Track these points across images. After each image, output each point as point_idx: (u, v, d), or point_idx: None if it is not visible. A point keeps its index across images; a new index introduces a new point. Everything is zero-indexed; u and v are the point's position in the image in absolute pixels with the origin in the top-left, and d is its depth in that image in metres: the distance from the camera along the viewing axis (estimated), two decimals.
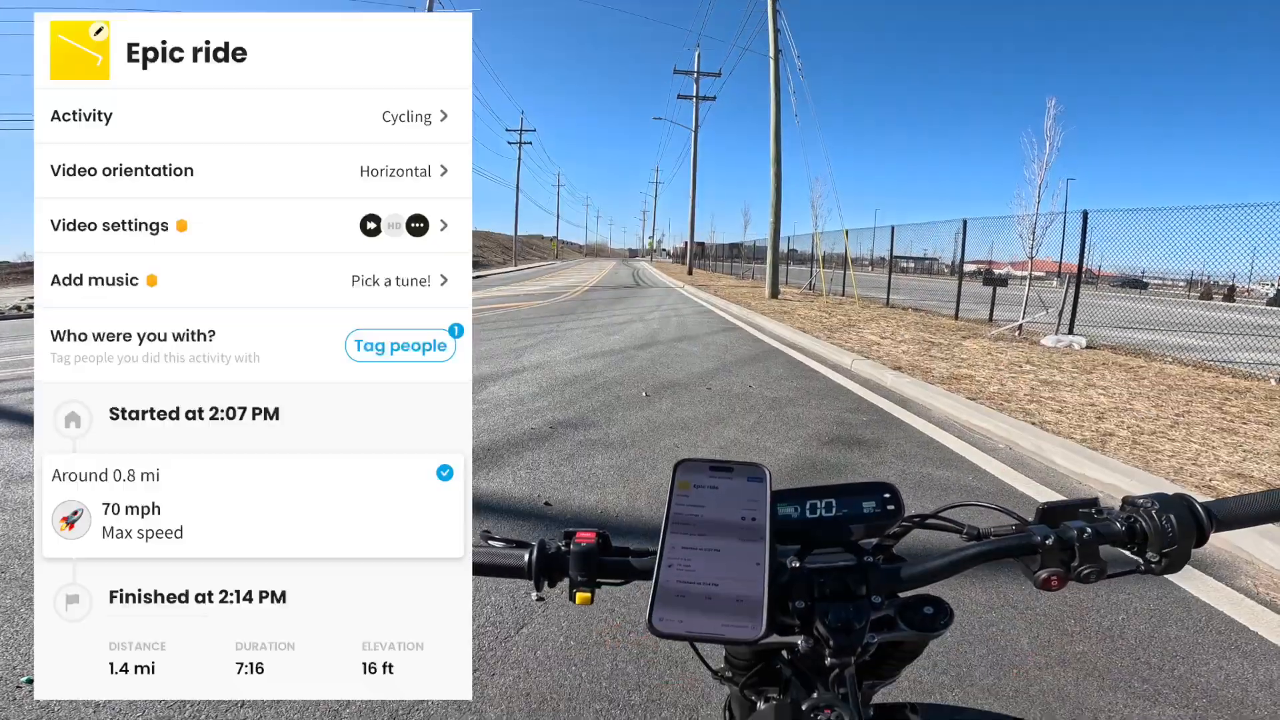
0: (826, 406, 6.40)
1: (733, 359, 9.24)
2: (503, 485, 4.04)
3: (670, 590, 0.62)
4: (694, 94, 42.05)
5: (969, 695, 2.15)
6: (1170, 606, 2.72)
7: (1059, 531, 0.72)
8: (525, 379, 7.34)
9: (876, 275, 26.65)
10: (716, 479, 0.69)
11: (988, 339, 11.33)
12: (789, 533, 0.72)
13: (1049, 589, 0.71)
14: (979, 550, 0.73)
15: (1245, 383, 7.70)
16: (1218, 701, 2.16)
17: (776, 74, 20.06)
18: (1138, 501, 0.74)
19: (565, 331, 11.87)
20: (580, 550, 0.70)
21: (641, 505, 3.79)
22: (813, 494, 0.74)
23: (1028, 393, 6.70)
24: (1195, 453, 4.71)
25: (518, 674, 2.25)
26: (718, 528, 0.66)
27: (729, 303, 18.40)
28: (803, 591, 0.68)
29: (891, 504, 0.74)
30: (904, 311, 16.79)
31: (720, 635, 0.59)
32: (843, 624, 0.66)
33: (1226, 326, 13.54)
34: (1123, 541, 0.73)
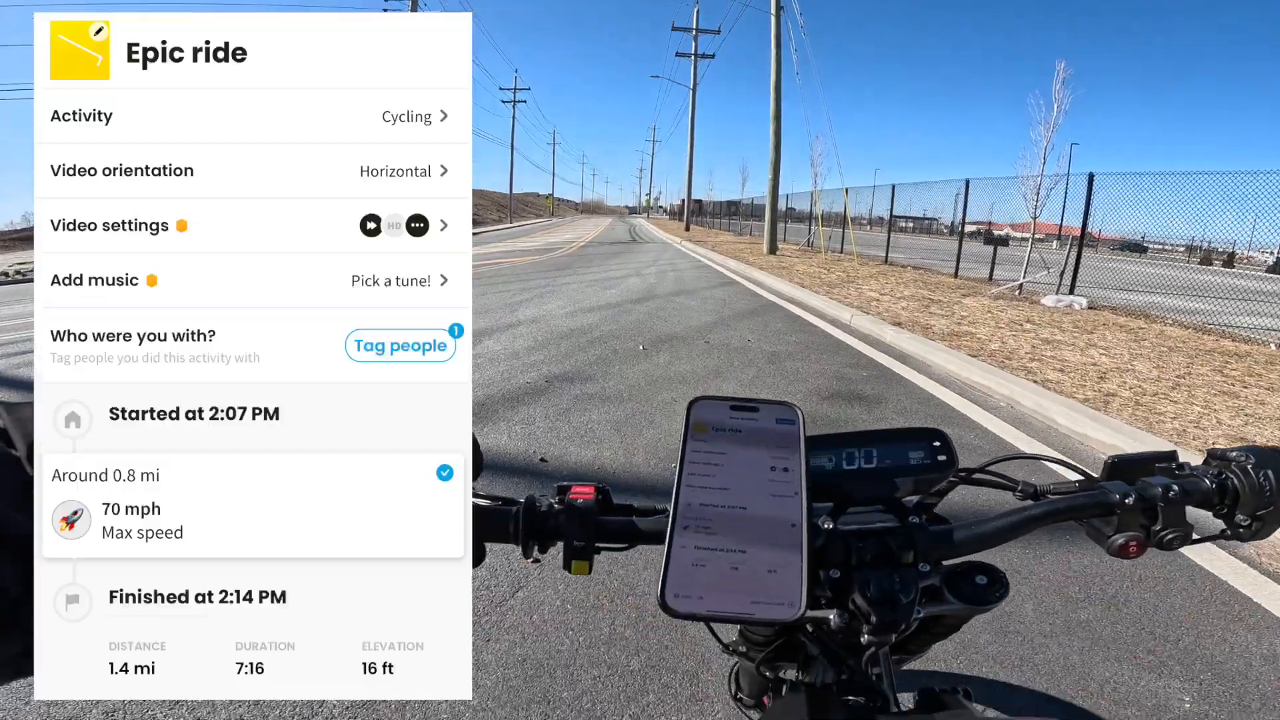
0: (826, 361, 6.34)
1: (731, 313, 9.17)
2: (497, 441, 3.97)
3: (686, 559, 0.51)
4: (692, 52, 41.40)
5: (973, 663, 2.12)
6: (1174, 574, 2.69)
7: (1139, 489, 0.62)
8: (520, 333, 7.25)
9: (875, 234, 26.44)
10: (739, 420, 0.58)
11: (988, 297, 11.25)
12: (821, 487, 0.61)
13: (1126, 556, 0.61)
14: (1045, 510, 0.62)
15: (1246, 347, 7.66)
16: (1222, 675, 2.12)
17: (778, 30, 19.79)
18: (1229, 455, 0.64)
19: (561, 286, 11.76)
20: (576, 508, 0.58)
21: (639, 461, 3.74)
22: (850, 441, 0.63)
23: (1029, 351, 6.64)
24: (1198, 415, 4.67)
25: (513, 639, 2.20)
26: (743, 480, 0.54)
27: (726, 258, 18.28)
28: (838, 558, 0.58)
29: (943, 454, 0.63)
30: (903, 269, 16.66)
31: (750, 615, 0.49)
32: (886, 596, 0.55)
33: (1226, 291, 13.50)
34: (1211, 502, 0.63)
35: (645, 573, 2.53)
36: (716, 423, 0.58)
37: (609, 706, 1.93)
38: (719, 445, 0.56)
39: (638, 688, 2.00)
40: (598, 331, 7.47)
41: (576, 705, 1.93)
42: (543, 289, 11.22)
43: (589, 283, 12.39)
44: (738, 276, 14.37)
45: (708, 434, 0.57)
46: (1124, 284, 12.25)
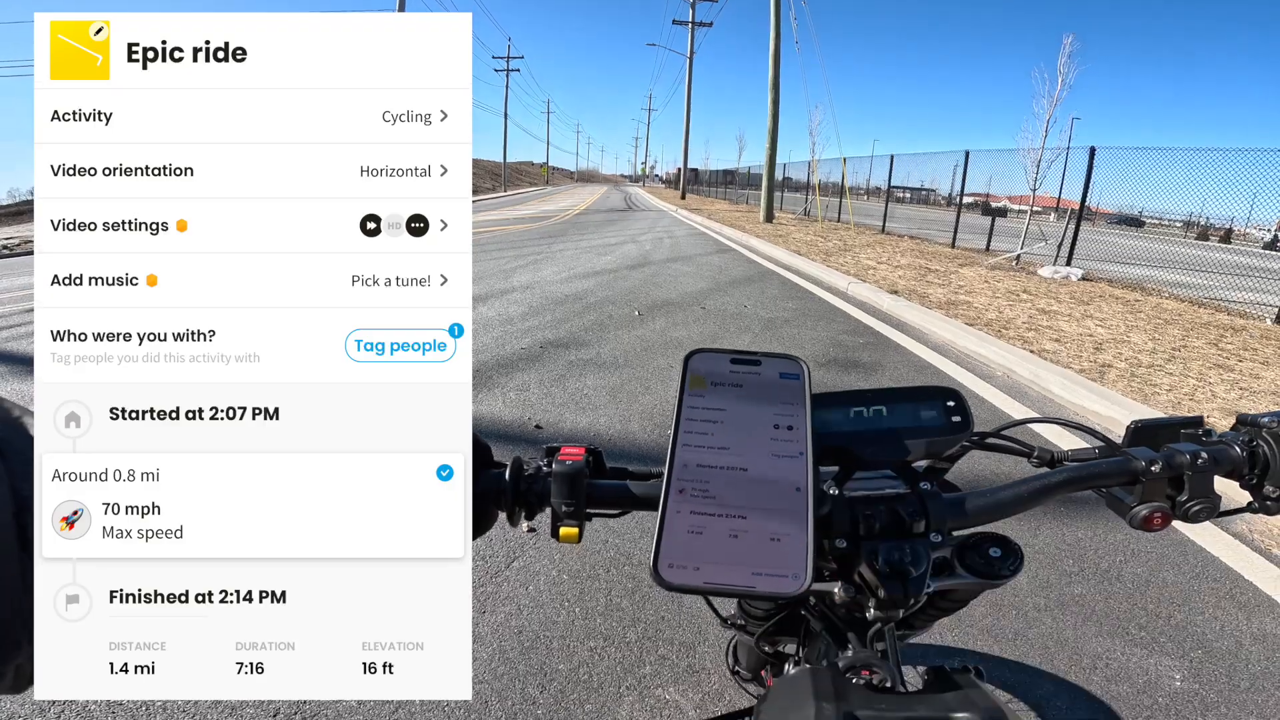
0: (823, 328, 6.33)
1: (727, 280, 9.13)
2: (491, 408, 3.94)
3: (681, 526, 0.47)
4: (690, 19, 40.59)
5: (968, 637, 2.12)
6: (1166, 549, 2.69)
7: (1166, 455, 0.57)
8: (515, 299, 7.19)
9: (872, 204, 26.32)
10: (740, 374, 0.54)
11: (985, 268, 11.21)
12: (827, 449, 0.56)
13: (1150, 529, 0.57)
14: (1065, 477, 0.58)
15: (1241, 321, 7.68)
16: (1213, 654, 2.13)
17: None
18: (1260, 421, 0.60)
19: (556, 253, 11.66)
20: (565, 471, 0.54)
21: (635, 428, 3.72)
22: (858, 399, 0.59)
23: (1025, 321, 6.64)
24: (1192, 388, 4.68)
25: (509, 610, 2.19)
26: (744, 439, 0.51)
27: (723, 226, 18.16)
28: (845, 526, 0.54)
29: (958, 414, 0.59)
30: (900, 239, 16.59)
31: (751, 588, 0.45)
32: (896, 569, 0.52)
33: (1223, 267, 13.50)
34: (1241, 472, 0.60)
35: (642, 541, 2.53)
36: (715, 376, 0.54)
37: (606, 678, 1.93)
38: (718, 401, 0.53)
39: (635, 659, 2.00)
40: (593, 297, 7.41)
41: (573, 677, 1.93)
42: (537, 256, 11.12)
43: (584, 249, 12.29)
44: (734, 244, 14.27)
45: (706, 389, 0.53)
46: (1121, 257, 12.20)
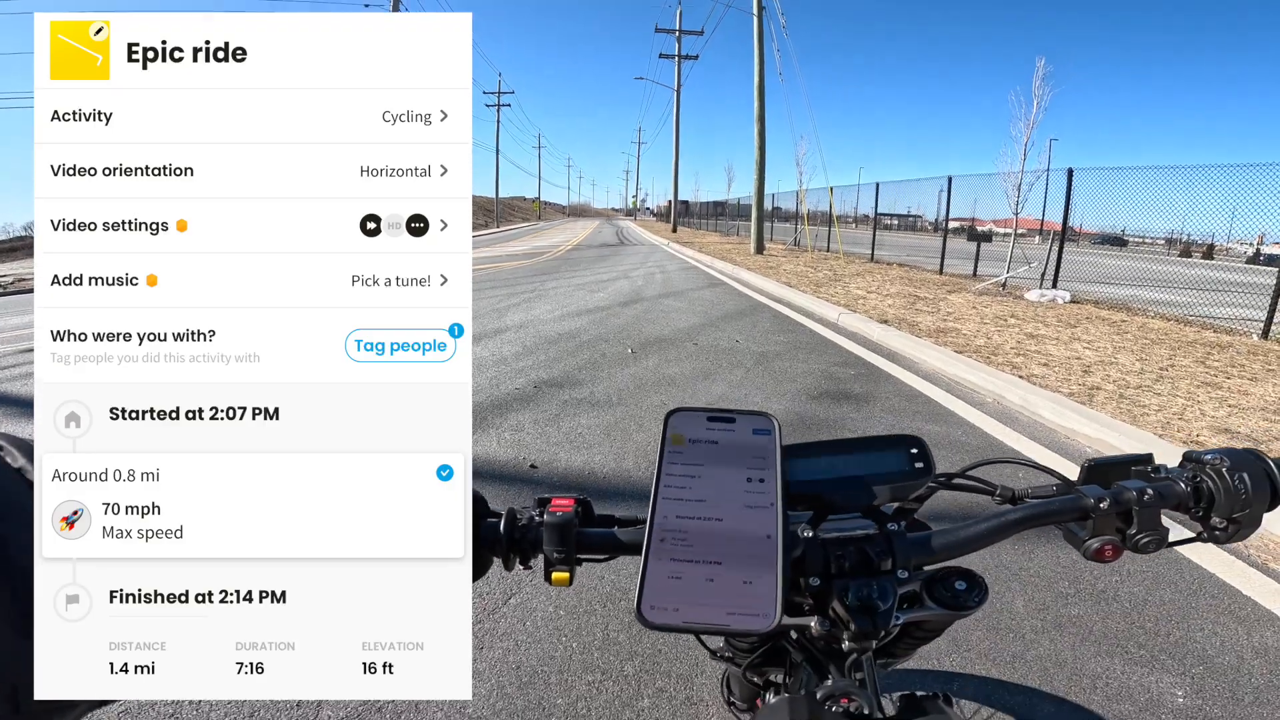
0: (814, 360, 6.36)
1: (719, 314, 9.18)
2: (487, 448, 3.95)
3: (662, 571, 0.52)
4: (676, 53, 41.29)
5: (966, 660, 2.13)
6: (1163, 569, 2.71)
7: (1114, 493, 0.62)
8: (508, 338, 7.23)
9: (861, 232, 26.57)
10: (716, 431, 0.59)
11: (972, 293, 11.33)
12: (801, 496, 0.61)
13: (1102, 560, 0.62)
14: (1022, 515, 0.63)
15: (1227, 337, 7.75)
16: (1214, 669, 2.14)
17: (760, 30, 19.87)
18: (1204, 458, 0.64)
19: (549, 290, 11.73)
20: (556, 521, 0.59)
21: (629, 465, 3.73)
22: (828, 449, 0.64)
23: (1014, 346, 6.69)
24: (1181, 407, 4.72)
25: (507, 646, 2.19)
26: (719, 492, 0.55)
27: (714, 259, 18.31)
28: (818, 566, 0.58)
29: (920, 460, 0.63)
30: (889, 266, 16.75)
31: (725, 626, 0.49)
32: (865, 603, 0.56)
33: (1207, 283, 13.63)
34: (1186, 505, 0.64)
35: (636, 578, 2.53)
36: (693, 434, 0.58)
37: (604, 712, 1.93)
38: (695, 457, 0.57)
39: (633, 692, 2.00)
40: (586, 335, 7.45)
41: (571, 711, 1.93)
42: (530, 293, 11.19)
43: (576, 286, 12.37)
44: (725, 277, 14.39)
45: (684, 446, 0.58)
46: (1106, 277, 12.35)
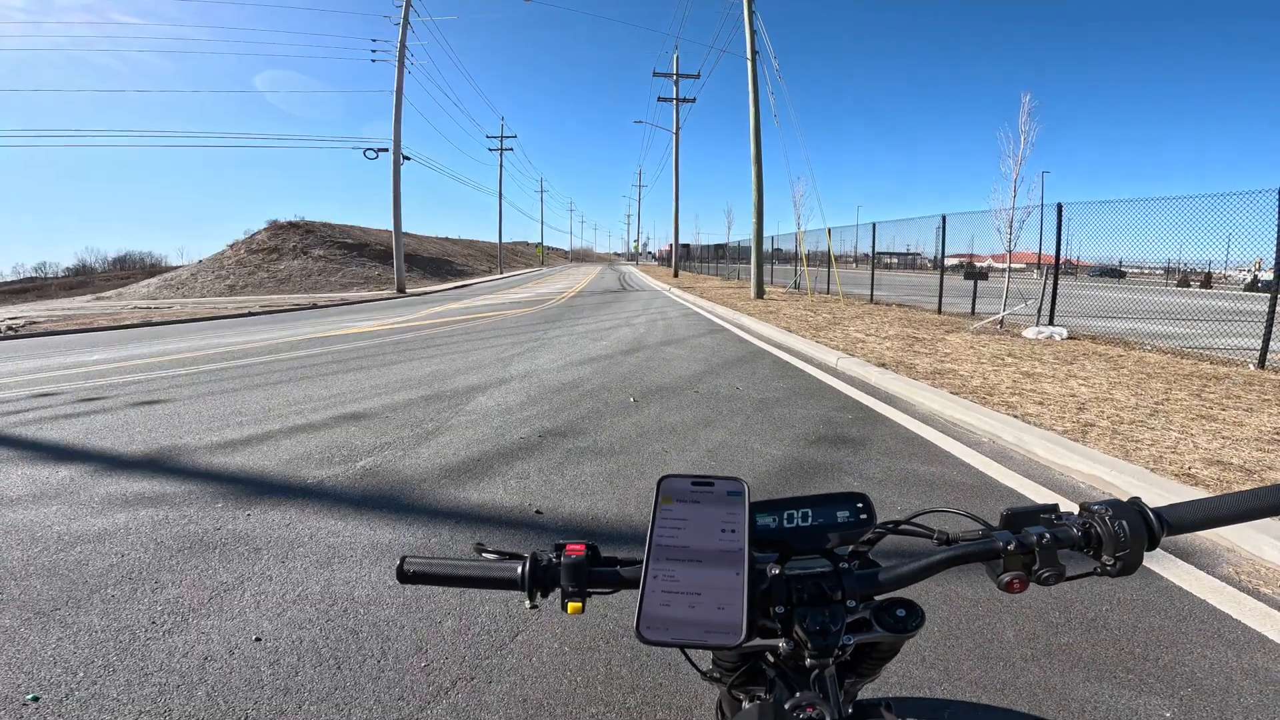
0: (813, 406, 6.45)
1: (720, 361, 9.29)
2: (494, 496, 4.05)
3: (656, 600, 0.66)
4: (673, 96, 41.96)
5: (957, 689, 2.19)
6: (1153, 596, 2.78)
7: (1020, 537, 0.76)
8: (513, 388, 7.34)
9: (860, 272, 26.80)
10: (698, 493, 0.74)
11: (970, 333, 11.44)
12: (768, 541, 0.77)
13: (1011, 591, 0.75)
14: (946, 556, 0.77)
15: (1224, 369, 7.81)
16: (1203, 690, 2.19)
17: (754, 75, 20.15)
18: (1093, 508, 0.78)
19: (552, 339, 11.88)
20: (570, 562, 0.75)
21: (631, 511, 3.82)
22: (789, 505, 0.79)
23: (1010, 385, 6.78)
24: (1175, 441, 4.78)
25: (514, 681, 2.27)
26: (700, 541, 0.70)
27: (715, 304, 18.47)
28: (782, 597, 0.72)
29: (864, 513, 0.79)
30: (888, 308, 16.91)
31: (704, 641, 0.63)
32: (819, 627, 0.70)
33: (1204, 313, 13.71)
34: (1079, 545, 0.77)
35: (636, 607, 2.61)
36: (680, 495, 0.74)
37: None
38: (682, 512, 0.73)
39: None
40: (589, 385, 7.55)
41: None
42: (534, 342, 11.34)
43: (579, 335, 12.52)
44: (725, 323, 14.53)
45: (673, 504, 0.74)
46: (1104, 311, 12.47)
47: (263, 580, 2.98)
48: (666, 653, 2.31)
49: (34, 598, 2.83)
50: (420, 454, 4.91)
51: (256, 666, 2.33)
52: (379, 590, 2.86)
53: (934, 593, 2.78)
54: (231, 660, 2.37)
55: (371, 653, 2.40)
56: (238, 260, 37.83)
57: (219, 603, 2.78)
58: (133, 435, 5.52)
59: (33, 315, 15.18)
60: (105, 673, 2.30)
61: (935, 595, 2.76)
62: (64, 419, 6.16)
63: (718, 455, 4.88)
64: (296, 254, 39.38)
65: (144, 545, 3.36)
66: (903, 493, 4.03)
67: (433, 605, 2.73)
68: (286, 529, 3.56)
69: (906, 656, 2.35)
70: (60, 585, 2.95)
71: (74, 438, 5.45)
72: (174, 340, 12.87)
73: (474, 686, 2.23)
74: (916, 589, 0.78)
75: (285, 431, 5.58)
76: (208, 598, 2.83)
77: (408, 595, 2.79)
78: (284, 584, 2.94)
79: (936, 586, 2.82)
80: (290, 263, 38.17)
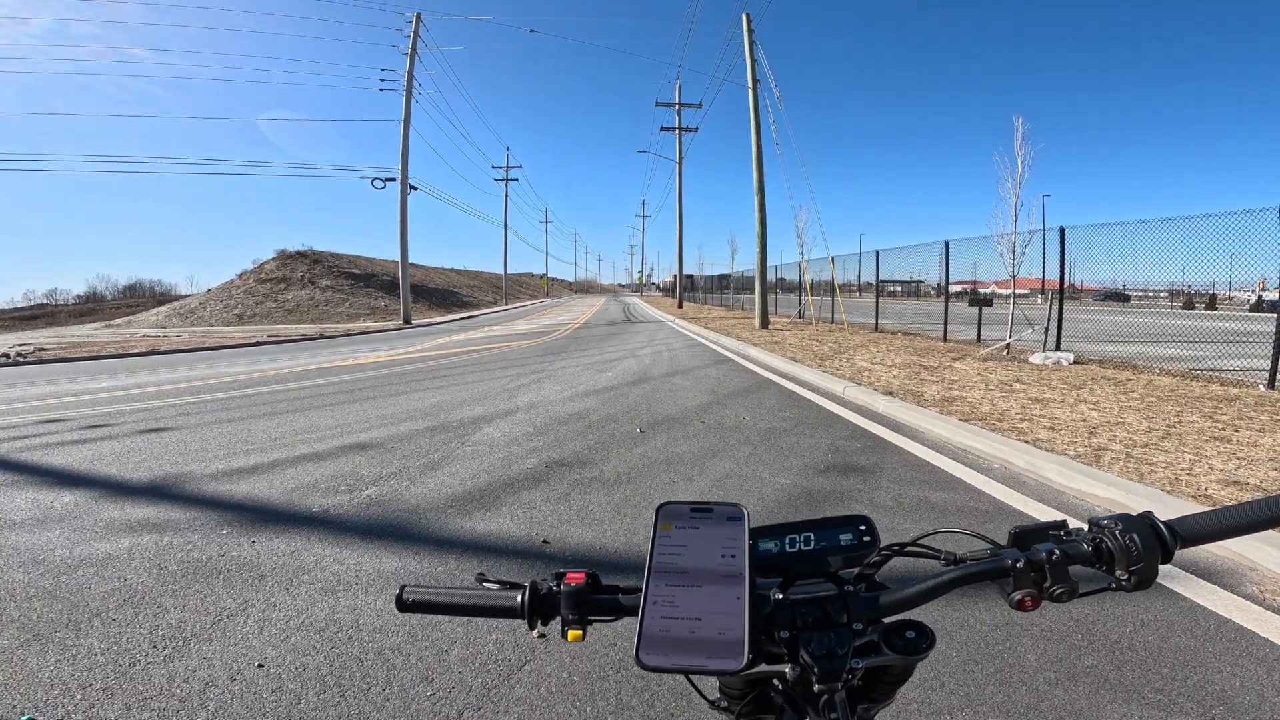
0: (820, 435, 6.39)
1: (726, 392, 9.25)
2: (500, 525, 4.01)
3: (655, 624, 0.64)
4: (676, 125, 42.34)
5: (979, 714, 2.13)
6: (1177, 616, 2.72)
7: (1029, 554, 0.74)
8: (519, 419, 7.31)
9: (864, 300, 26.84)
10: (697, 520, 0.73)
11: (977, 359, 11.40)
12: (771, 566, 0.75)
13: (1023, 609, 0.72)
14: (954, 575, 0.75)
15: (1235, 390, 7.77)
16: (1235, 707, 2.14)
17: (756, 104, 20.37)
18: (1102, 522, 0.75)
19: (557, 370, 11.88)
20: (570, 590, 0.74)
21: (639, 540, 3.76)
22: (791, 529, 0.77)
23: (1019, 411, 6.73)
24: (1189, 463, 4.73)
25: (522, 711, 2.21)
26: (699, 566, 0.69)
27: (720, 335, 18.49)
28: (786, 622, 0.70)
29: (867, 535, 0.77)
30: (893, 336, 16.90)
31: (705, 667, 0.61)
32: (826, 652, 0.68)
33: (1212, 335, 13.66)
34: (1090, 561, 0.75)
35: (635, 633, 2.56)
36: (679, 521, 0.73)
37: None
38: (681, 539, 0.72)
39: None
40: (595, 416, 7.51)
41: None
42: (539, 374, 11.33)
43: (585, 366, 12.51)
44: (731, 353, 14.52)
45: (672, 530, 0.73)
46: (1110, 335, 12.42)
47: (266, 607, 2.94)
48: (676, 682, 2.25)
49: (34, 619, 2.80)
50: (426, 484, 4.88)
51: (259, 693, 2.28)
52: (384, 618, 2.81)
53: (950, 617, 2.71)
54: (233, 686, 2.32)
55: (376, 681, 2.35)
56: (246, 290, 38.18)
57: (221, 628, 2.74)
58: (138, 462, 5.51)
59: (42, 342, 15.28)
60: (103, 696, 2.26)
61: (951, 620, 2.70)
62: (70, 445, 6.17)
63: (726, 485, 4.82)
64: (304, 284, 39.71)
65: (147, 570, 3.33)
66: (915, 519, 3.97)
67: (439, 634, 2.68)
68: (291, 556, 3.52)
69: (924, 681, 2.28)
70: (61, 608, 2.91)
71: (79, 463, 5.45)
72: (181, 369, 12.92)
73: (481, 717, 2.17)
74: (931, 612, 0.75)
75: (291, 460, 5.56)
76: (210, 623, 2.78)
77: (413, 624, 2.74)
78: (288, 611, 2.90)
79: (952, 611, 2.76)
80: (298, 292, 38.48)
